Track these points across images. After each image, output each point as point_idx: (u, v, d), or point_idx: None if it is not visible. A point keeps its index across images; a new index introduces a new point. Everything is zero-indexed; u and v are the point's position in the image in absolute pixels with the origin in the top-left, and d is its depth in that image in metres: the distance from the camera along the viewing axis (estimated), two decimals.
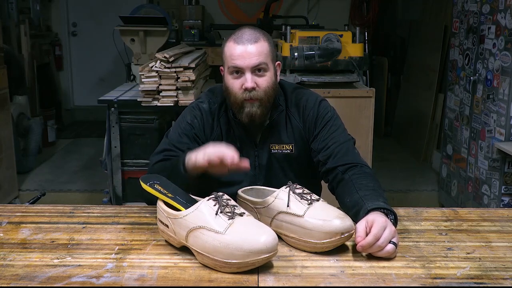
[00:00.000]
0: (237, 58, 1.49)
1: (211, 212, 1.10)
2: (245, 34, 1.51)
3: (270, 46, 1.54)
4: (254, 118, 1.53)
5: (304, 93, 1.65)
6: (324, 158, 1.51)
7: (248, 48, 1.49)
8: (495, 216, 1.39)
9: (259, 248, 1.04)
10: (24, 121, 4.40)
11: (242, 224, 1.08)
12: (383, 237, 1.12)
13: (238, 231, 1.06)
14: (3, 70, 3.75)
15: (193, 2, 5.44)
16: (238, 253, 1.04)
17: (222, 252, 1.05)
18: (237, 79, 1.52)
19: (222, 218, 1.09)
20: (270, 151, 1.61)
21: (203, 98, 1.65)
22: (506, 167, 3.11)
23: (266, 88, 1.52)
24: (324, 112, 1.60)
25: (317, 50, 3.02)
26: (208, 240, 1.07)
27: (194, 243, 1.10)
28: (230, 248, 1.04)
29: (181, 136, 1.56)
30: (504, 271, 1.09)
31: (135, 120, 3.15)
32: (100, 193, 3.76)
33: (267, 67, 1.52)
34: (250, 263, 1.04)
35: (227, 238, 1.05)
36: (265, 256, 1.04)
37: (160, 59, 2.97)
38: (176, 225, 1.14)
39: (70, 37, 6.30)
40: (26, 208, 1.44)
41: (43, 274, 1.05)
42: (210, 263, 1.08)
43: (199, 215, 1.11)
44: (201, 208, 1.11)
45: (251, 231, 1.07)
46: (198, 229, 1.09)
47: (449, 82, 3.89)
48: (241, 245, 1.04)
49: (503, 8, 3.07)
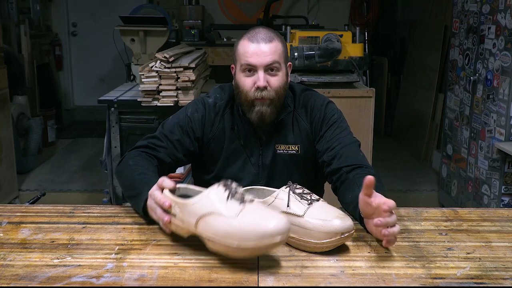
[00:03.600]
0: (251, 56, 1.50)
1: (221, 198, 1.08)
2: (260, 33, 1.52)
3: (283, 47, 1.56)
4: (264, 117, 1.54)
5: (312, 95, 1.66)
6: (329, 159, 1.52)
7: (262, 46, 1.50)
8: (495, 216, 1.39)
9: (272, 231, 1.02)
10: (24, 121, 4.40)
11: (254, 209, 1.07)
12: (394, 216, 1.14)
13: (250, 215, 1.05)
14: (3, 70, 3.75)
15: (193, 2, 5.44)
16: (251, 237, 1.02)
17: (234, 237, 1.03)
18: (249, 77, 1.53)
19: (233, 203, 1.07)
20: (276, 151, 1.62)
21: (211, 93, 1.67)
22: (506, 167, 3.11)
23: (277, 88, 1.53)
24: (330, 113, 1.61)
25: (317, 50, 3.02)
26: (219, 226, 1.05)
27: (205, 229, 1.08)
28: (243, 232, 1.02)
29: (175, 127, 1.58)
30: (504, 271, 1.09)
31: (135, 120, 3.15)
32: (100, 193, 3.76)
33: (280, 67, 1.53)
34: (263, 247, 1.03)
35: (239, 222, 1.04)
36: (277, 240, 1.02)
37: (160, 59, 2.97)
38: (185, 213, 1.12)
39: (70, 37, 6.31)
40: (26, 208, 1.44)
41: (43, 274, 1.05)
42: (222, 249, 1.06)
43: (210, 201, 1.08)
44: (211, 195, 1.10)
45: (263, 215, 1.05)
46: (209, 215, 1.07)
47: (449, 82, 3.89)
48: (254, 229, 1.02)
49: (503, 8, 3.07)
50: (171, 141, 1.55)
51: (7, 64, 3.85)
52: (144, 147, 1.54)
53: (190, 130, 1.58)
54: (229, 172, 1.61)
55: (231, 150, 1.62)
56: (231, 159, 1.62)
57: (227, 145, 1.62)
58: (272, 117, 1.56)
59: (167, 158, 1.54)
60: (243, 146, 1.61)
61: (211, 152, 1.62)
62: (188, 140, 1.58)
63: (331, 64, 3.10)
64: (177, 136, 1.56)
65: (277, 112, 1.58)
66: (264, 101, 1.52)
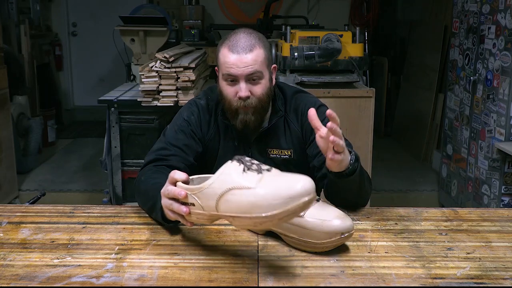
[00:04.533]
0: (231, 67, 1.47)
1: (238, 171, 1.04)
2: (240, 42, 1.48)
3: (266, 52, 1.52)
4: (249, 125, 1.53)
5: (303, 98, 1.63)
6: (319, 164, 1.50)
7: (243, 57, 1.46)
8: (495, 216, 1.39)
9: (298, 192, 0.97)
10: (24, 121, 4.40)
11: (273, 175, 1.03)
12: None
13: (272, 181, 1.00)
14: (3, 70, 3.76)
15: (193, 2, 5.44)
16: (277, 202, 0.97)
17: (260, 206, 0.98)
18: (231, 86, 1.50)
19: (251, 174, 1.03)
20: (269, 155, 1.61)
21: (201, 95, 1.66)
22: (506, 167, 3.11)
23: (260, 95, 1.51)
24: (321, 118, 1.59)
25: (317, 50, 3.02)
26: (242, 199, 1.00)
27: (227, 208, 1.03)
28: (268, 199, 0.97)
29: (177, 133, 1.56)
30: (504, 271, 1.09)
31: (135, 120, 3.15)
32: (100, 193, 3.76)
33: (262, 75, 1.50)
34: (291, 210, 0.97)
35: (261, 190, 0.99)
36: (305, 200, 0.97)
37: (160, 59, 2.97)
38: (203, 198, 1.06)
39: (70, 37, 6.31)
40: (26, 208, 1.44)
41: (43, 274, 1.05)
42: (250, 223, 1.01)
43: (226, 178, 1.03)
44: (226, 172, 1.05)
45: (285, 179, 1.01)
46: (228, 192, 1.02)
47: (449, 82, 3.89)
48: (279, 193, 0.97)
49: (503, 8, 3.07)
50: (178, 147, 1.52)
51: (7, 64, 3.85)
52: (154, 161, 1.49)
53: (192, 133, 1.57)
54: None
55: (227, 150, 1.61)
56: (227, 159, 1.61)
57: (223, 145, 1.61)
58: (257, 124, 1.55)
59: (180, 164, 1.49)
60: (237, 146, 1.61)
61: (209, 152, 1.61)
62: (194, 143, 1.56)
63: (331, 64, 3.10)
64: (183, 140, 1.54)
65: (261, 119, 1.56)
66: (248, 109, 1.51)
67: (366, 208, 1.42)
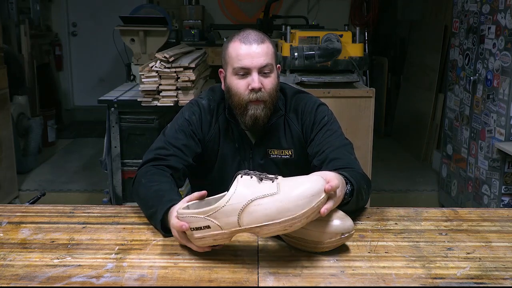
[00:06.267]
0: (244, 58, 1.48)
1: (253, 183, 1.06)
2: (251, 35, 1.50)
3: (274, 48, 1.55)
4: (258, 120, 1.52)
5: (303, 98, 1.64)
6: (319, 163, 1.50)
7: (255, 48, 1.48)
8: (495, 216, 1.39)
9: (319, 188, 1.05)
10: (24, 121, 4.40)
11: (285, 180, 1.08)
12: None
13: (288, 185, 1.06)
14: (3, 70, 3.76)
15: (193, 2, 5.44)
16: (303, 202, 1.03)
17: (288, 209, 1.03)
18: (242, 80, 1.50)
19: (266, 183, 1.06)
20: (269, 155, 1.61)
21: (203, 95, 1.65)
22: (506, 167, 3.11)
23: (270, 89, 1.52)
24: (320, 116, 1.59)
25: (317, 50, 3.02)
26: (268, 207, 1.03)
27: (252, 220, 1.04)
28: (294, 201, 1.03)
29: (178, 132, 1.55)
30: (504, 271, 1.09)
31: (135, 120, 3.15)
32: (100, 193, 3.76)
33: (273, 68, 1.52)
34: (315, 207, 1.04)
35: (285, 194, 1.04)
36: (324, 195, 1.06)
37: (160, 59, 2.97)
38: (221, 217, 1.06)
39: (70, 37, 6.31)
40: (26, 208, 1.44)
41: (43, 274, 1.05)
42: (279, 229, 1.05)
43: (244, 192, 1.05)
44: (241, 186, 1.06)
45: (299, 180, 1.07)
46: (250, 204, 1.04)
47: (449, 82, 3.89)
48: (302, 193, 1.03)
49: (503, 8, 3.07)
50: (177, 147, 1.52)
51: (7, 64, 3.85)
52: (153, 160, 1.49)
53: (192, 133, 1.56)
54: (226, 174, 1.59)
55: (226, 152, 1.60)
56: (227, 161, 1.61)
57: (222, 147, 1.60)
58: (266, 120, 1.55)
59: (179, 165, 1.49)
60: (237, 148, 1.61)
61: (209, 153, 1.61)
62: (193, 143, 1.55)
63: (331, 64, 3.10)
64: (182, 140, 1.53)
65: (270, 116, 1.56)
66: (259, 104, 1.50)
67: (366, 208, 1.42)
